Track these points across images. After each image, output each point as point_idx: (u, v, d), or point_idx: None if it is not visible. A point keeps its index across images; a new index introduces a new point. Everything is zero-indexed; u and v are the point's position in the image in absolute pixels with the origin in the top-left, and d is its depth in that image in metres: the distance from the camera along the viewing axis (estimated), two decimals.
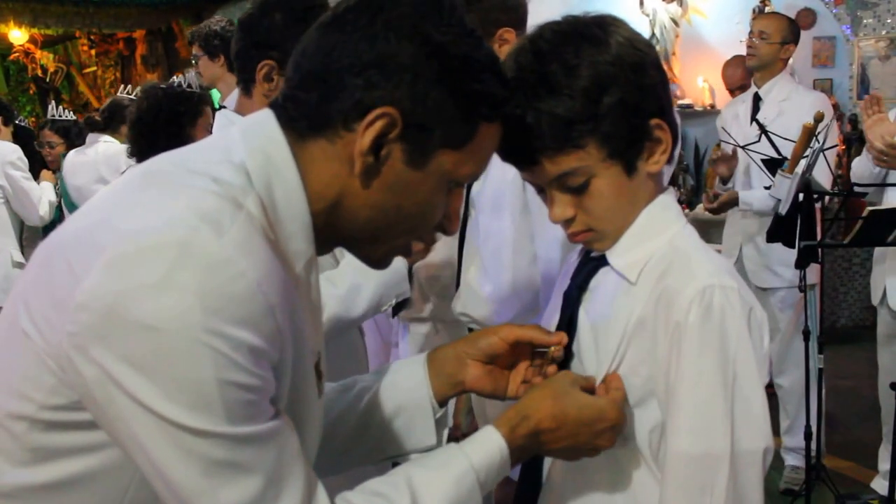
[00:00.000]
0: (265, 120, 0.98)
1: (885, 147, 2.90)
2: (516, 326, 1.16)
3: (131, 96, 4.48)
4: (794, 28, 3.72)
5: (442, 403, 1.17)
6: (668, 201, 1.15)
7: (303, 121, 0.96)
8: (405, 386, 1.17)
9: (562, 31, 1.09)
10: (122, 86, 4.81)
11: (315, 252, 0.99)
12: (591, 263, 1.17)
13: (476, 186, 1.89)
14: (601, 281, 1.15)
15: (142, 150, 3.15)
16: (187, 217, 0.85)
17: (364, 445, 1.17)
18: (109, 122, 4.41)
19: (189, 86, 3.23)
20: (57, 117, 4.89)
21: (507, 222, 1.79)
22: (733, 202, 3.58)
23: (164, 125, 3.05)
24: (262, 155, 0.95)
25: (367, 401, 1.17)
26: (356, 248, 1.04)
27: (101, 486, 0.92)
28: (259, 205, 0.91)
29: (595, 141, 1.07)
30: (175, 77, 3.26)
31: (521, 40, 1.12)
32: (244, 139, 0.96)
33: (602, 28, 1.08)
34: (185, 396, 0.82)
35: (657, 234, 1.12)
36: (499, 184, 1.82)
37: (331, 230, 0.99)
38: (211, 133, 3.27)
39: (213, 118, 3.89)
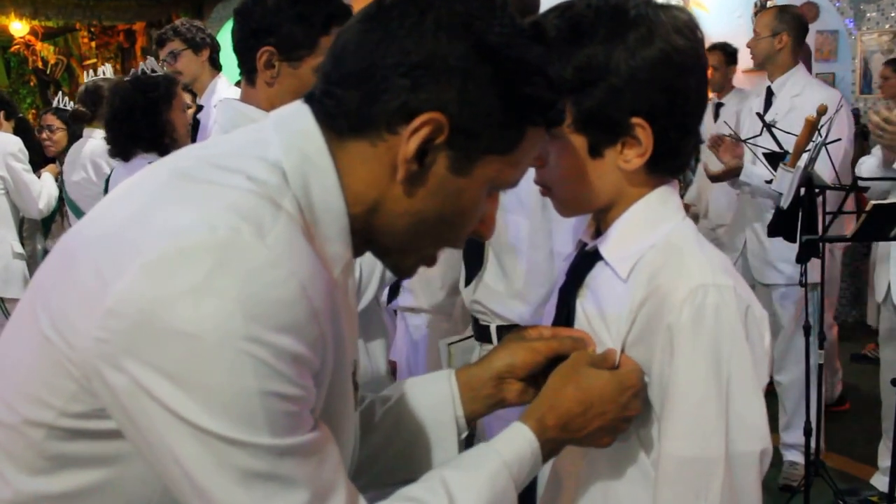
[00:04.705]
0: (300, 115, 0.93)
1: (880, 120, 2.89)
2: (552, 340, 1.12)
3: (106, 76, 4.41)
4: (783, 17, 3.65)
5: (470, 422, 1.14)
6: (666, 194, 1.12)
7: (342, 119, 0.90)
8: (427, 404, 1.13)
9: (616, 6, 1.06)
10: (91, 71, 4.72)
11: (352, 256, 0.95)
12: (586, 258, 1.15)
13: None
14: (596, 276, 1.13)
15: (125, 147, 3.16)
16: (227, 217, 0.80)
17: (382, 465, 1.13)
18: (95, 112, 4.32)
19: (153, 71, 3.24)
20: (62, 107, 4.87)
21: (522, 217, 1.78)
22: (737, 171, 3.47)
23: (141, 116, 3.06)
24: (298, 153, 0.90)
25: (383, 417, 1.14)
26: (387, 255, 1.00)
27: (121, 498, 0.89)
28: (296, 206, 0.87)
29: (567, 103, 1.04)
30: (133, 69, 3.28)
31: None
32: (278, 134, 0.91)
33: (650, 22, 1.05)
34: (224, 407, 0.78)
35: (652, 227, 1.09)
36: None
37: (365, 235, 0.95)
38: (185, 112, 3.29)
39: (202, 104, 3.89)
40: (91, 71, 4.63)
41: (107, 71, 4.48)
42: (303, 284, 0.81)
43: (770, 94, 3.71)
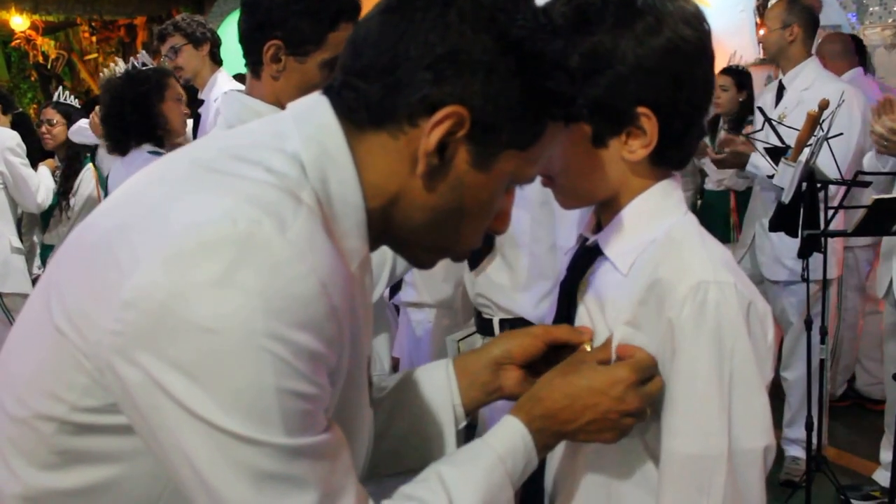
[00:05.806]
0: (319, 107, 0.92)
1: (885, 131, 2.87)
2: (551, 327, 1.12)
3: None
4: (793, 8, 3.62)
5: (469, 413, 1.13)
6: (669, 188, 1.11)
7: (362, 112, 0.89)
8: (424, 391, 1.12)
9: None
10: (105, 70, 4.71)
11: (369, 251, 0.94)
12: (587, 253, 1.14)
13: None
14: (597, 270, 1.12)
15: (119, 141, 3.16)
16: (248, 210, 0.79)
17: (379, 453, 1.11)
18: None
19: (144, 64, 3.24)
20: (62, 101, 4.87)
21: (524, 211, 1.78)
22: (744, 157, 3.43)
23: (132, 109, 3.06)
24: (317, 145, 0.89)
25: (380, 404, 1.12)
26: (404, 247, 1.00)
27: (130, 494, 0.87)
28: (315, 199, 0.86)
29: None
30: (125, 65, 3.29)
31: None
32: (297, 127, 0.90)
33: (658, 11, 1.04)
34: (240, 404, 0.77)
35: (654, 222, 1.08)
36: None
37: (382, 228, 0.94)
38: (181, 102, 3.29)
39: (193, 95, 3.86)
40: (105, 70, 4.62)
41: (121, 66, 4.47)
42: (323, 281, 0.80)
43: (781, 88, 3.69)
